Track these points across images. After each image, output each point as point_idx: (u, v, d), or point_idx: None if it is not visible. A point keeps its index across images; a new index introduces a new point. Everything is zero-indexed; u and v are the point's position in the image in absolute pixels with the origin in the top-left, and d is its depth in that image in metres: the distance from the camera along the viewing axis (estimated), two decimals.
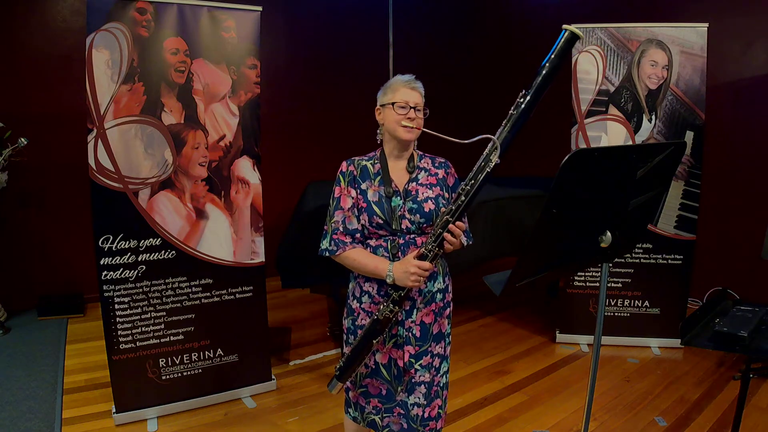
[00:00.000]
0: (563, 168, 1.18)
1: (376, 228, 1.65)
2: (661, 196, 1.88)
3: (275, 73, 4.75)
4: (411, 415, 1.73)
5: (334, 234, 1.67)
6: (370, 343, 1.64)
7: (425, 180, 1.71)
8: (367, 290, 1.71)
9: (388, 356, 1.72)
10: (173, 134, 2.52)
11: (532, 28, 5.51)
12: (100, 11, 2.32)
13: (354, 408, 1.83)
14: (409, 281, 1.55)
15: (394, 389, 1.73)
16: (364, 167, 1.70)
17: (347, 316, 1.79)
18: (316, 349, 3.50)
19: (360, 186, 1.67)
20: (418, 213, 1.65)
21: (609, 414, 2.67)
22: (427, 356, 1.73)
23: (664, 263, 3.38)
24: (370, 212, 1.64)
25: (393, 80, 1.67)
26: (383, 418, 1.75)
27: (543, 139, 4.73)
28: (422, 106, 1.66)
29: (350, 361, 1.68)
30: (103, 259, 2.44)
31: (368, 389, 1.76)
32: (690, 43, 3.22)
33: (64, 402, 2.76)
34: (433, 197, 1.68)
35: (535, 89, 1.46)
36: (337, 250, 1.66)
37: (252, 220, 2.76)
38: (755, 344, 1.61)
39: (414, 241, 1.66)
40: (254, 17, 2.66)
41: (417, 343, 1.70)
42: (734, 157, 4.04)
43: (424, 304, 1.70)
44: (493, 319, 4.06)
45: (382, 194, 1.66)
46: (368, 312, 1.71)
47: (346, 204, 1.67)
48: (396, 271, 1.57)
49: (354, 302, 1.76)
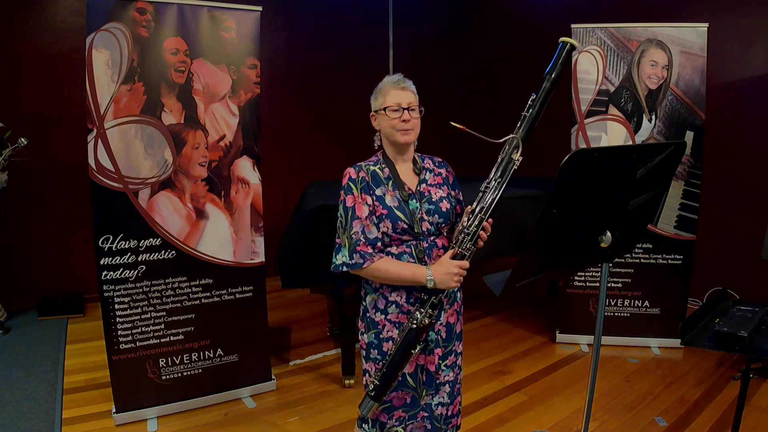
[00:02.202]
0: (563, 168, 1.18)
1: (399, 234, 1.58)
2: (661, 196, 1.88)
3: (275, 73, 4.75)
4: (435, 415, 1.70)
5: (357, 246, 1.54)
6: (409, 354, 1.57)
7: (433, 180, 1.69)
8: (394, 300, 1.62)
9: (414, 364, 1.66)
10: (173, 134, 2.52)
11: (532, 28, 5.51)
12: (100, 11, 2.32)
13: (371, 425, 1.73)
14: (452, 282, 1.51)
15: (419, 395, 1.69)
16: (374, 172, 1.62)
17: (367, 331, 1.68)
18: (316, 349, 3.50)
19: (374, 192, 1.59)
20: (437, 213, 1.62)
21: (609, 414, 2.67)
22: (452, 356, 1.72)
23: (664, 263, 3.38)
24: (394, 218, 1.57)
25: (382, 83, 1.63)
26: (407, 426, 1.71)
27: (543, 139, 4.73)
28: (416, 104, 1.61)
29: (387, 378, 1.58)
30: (103, 259, 2.44)
31: (393, 402, 1.69)
32: (690, 43, 3.22)
33: (64, 402, 2.76)
34: (445, 196, 1.66)
35: (544, 94, 1.53)
36: (364, 263, 1.54)
37: (252, 220, 2.76)
38: (755, 344, 1.61)
39: (435, 244, 1.63)
40: (254, 17, 2.66)
41: (444, 344, 1.69)
42: (734, 157, 4.04)
43: (449, 305, 1.69)
44: (493, 319, 4.06)
45: (399, 198, 1.59)
46: (396, 323, 1.63)
47: (362, 213, 1.56)
48: (436, 274, 1.51)
49: (377, 315, 1.65)
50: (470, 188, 1.77)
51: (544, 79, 1.54)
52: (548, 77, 1.54)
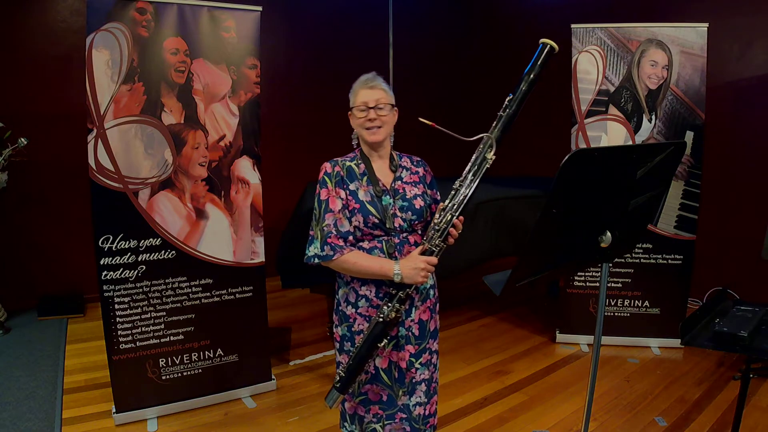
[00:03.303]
0: (563, 168, 1.18)
1: (371, 228, 1.62)
2: (661, 196, 1.88)
3: (275, 73, 4.75)
4: (414, 416, 1.72)
5: (328, 238, 1.58)
6: (375, 347, 1.60)
7: (409, 178, 1.72)
8: (364, 294, 1.66)
9: (387, 360, 1.70)
10: (173, 134, 2.52)
11: (533, 28, 5.51)
12: (100, 11, 2.32)
13: (351, 421, 1.78)
14: (419, 277, 1.54)
15: (395, 393, 1.71)
16: (350, 167, 1.66)
17: (340, 324, 1.72)
18: (316, 349, 3.50)
19: (348, 186, 1.63)
20: (410, 210, 1.66)
21: (609, 414, 2.67)
22: (426, 353, 1.73)
23: (664, 263, 3.38)
24: (365, 212, 1.61)
25: (356, 82, 1.68)
26: (384, 426, 1.73)
27: (543, 139, 4.73)
28: (386, 102, 1.62)
29: (353, 369, 1.62)
30: (103, 259, 2.44)
31: (368, 396, 1.73)
32: (690, 43, 3.22)
33: (64, 402, 2.76)
34: (420, 194, 1.70)
35: (521, 95, 1.56)
36: (334, 255, 1.57)
37: (252, 220, 2.76)
38: (755, 344, 1.61)
39: (407, 240, 1.66)
40: (254, 17, 2.66)
41: (416, 342, 1.70)
42: (734, 157, 4.04)
43: (420, 301, 1.71)
44: (493, 319, 4.06)
45: (372, 193, 1.63)
46: (366, 316, 1.66)
47: (336, 206, 1.60)
48: (404, 269, 1.54)
49: (348, 308, 1.69)
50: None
51: (522, 79, 1.56)
52: (526, 78, 1.56)
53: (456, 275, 3.48)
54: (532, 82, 1.55)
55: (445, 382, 3.02)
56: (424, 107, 6.18)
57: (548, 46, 1.55)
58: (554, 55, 1.56)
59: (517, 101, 1.56)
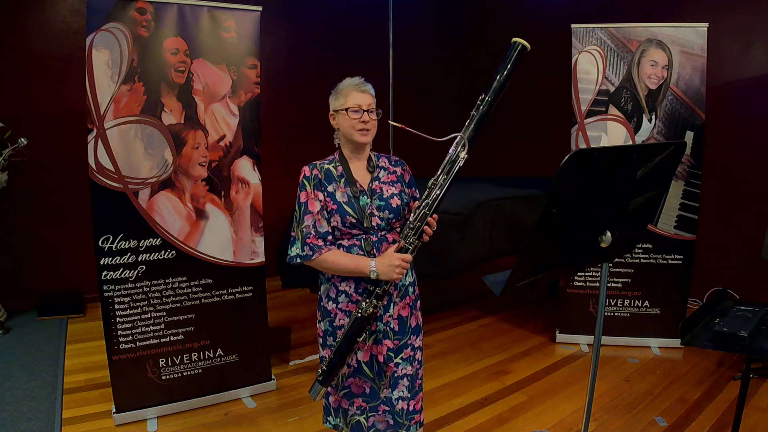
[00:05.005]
0: (563, 168, 1.18)
1: (348, 228, 1.67)
2: (661, 196, 1.88)
3: (275, 73, 4.75)
4: (396, 410, 1.76)
5: (307, 238, 1.65)
6: (354, 342, 1.65)
7: (386, 178, 1.76)
8: (343, 290, 1.71)
9: (369, 353, 1.75)
10: (173, 134, 2.52)
11: (533, 28, 5.51)
12: (100, 11, 2.32)
13: (335, 414, 1.83)
14: (394, 274, 1.60)
15: (377, 386, 1.76)
16: (328, 170, 1.71)
17: (323, 319, 1.78)
18: (316, 349, 3.45)
19: (326, 188, 1.68)
20: (387, 209, 1.70)
21: (609, 414, 2.67)
22: (408, 349, 1.78)
23: (664, 263, 3.38)
24: (342, 213, 1.66)
25: (342, 84, 1.70)
26: (368, 418, 1.77)
27: (543, 139, 4.73)
28: (374, 107, 1.69)
29: (334, 363, 1.68)
30: (103, 259, 2.44)
31: (351, 389, 1.78)
32: (690, 43, 3.22)
33: (64, 402, 2.76)
34: (397, 193, 1.74)
35: (493, 94, 1.59)
36: (313, 255, 1.64)
37: (252, 220, 2.76)
38: (755, 344, 1.61)
39: (385, 238, 1.71)
40: (254, 17, 2.66)
41: (396, 337, 1.75)
42: (734, 157, 4.04)
43: (399, 297, 1.76)
44: (493, 319, 4.06)
45: (349, 194, 1.68)
46: (346, 312, 1.72)
47: (314, 208, 1.66)
48: (379, 266, 1.60)
49: (329, 304, 1.75)
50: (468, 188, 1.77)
51: (494, 79, 1.58)
52: (498, 77, 1.58)
53: (456, 275, 3.48)
54: (504, 81, 1.57)
55: (445, 382, 3.03)
56: (424, 107, 6.19)
57: (520, 45, 1.57)
58: (526, 53, 1.58)
59: (488, 101, 1.58)
